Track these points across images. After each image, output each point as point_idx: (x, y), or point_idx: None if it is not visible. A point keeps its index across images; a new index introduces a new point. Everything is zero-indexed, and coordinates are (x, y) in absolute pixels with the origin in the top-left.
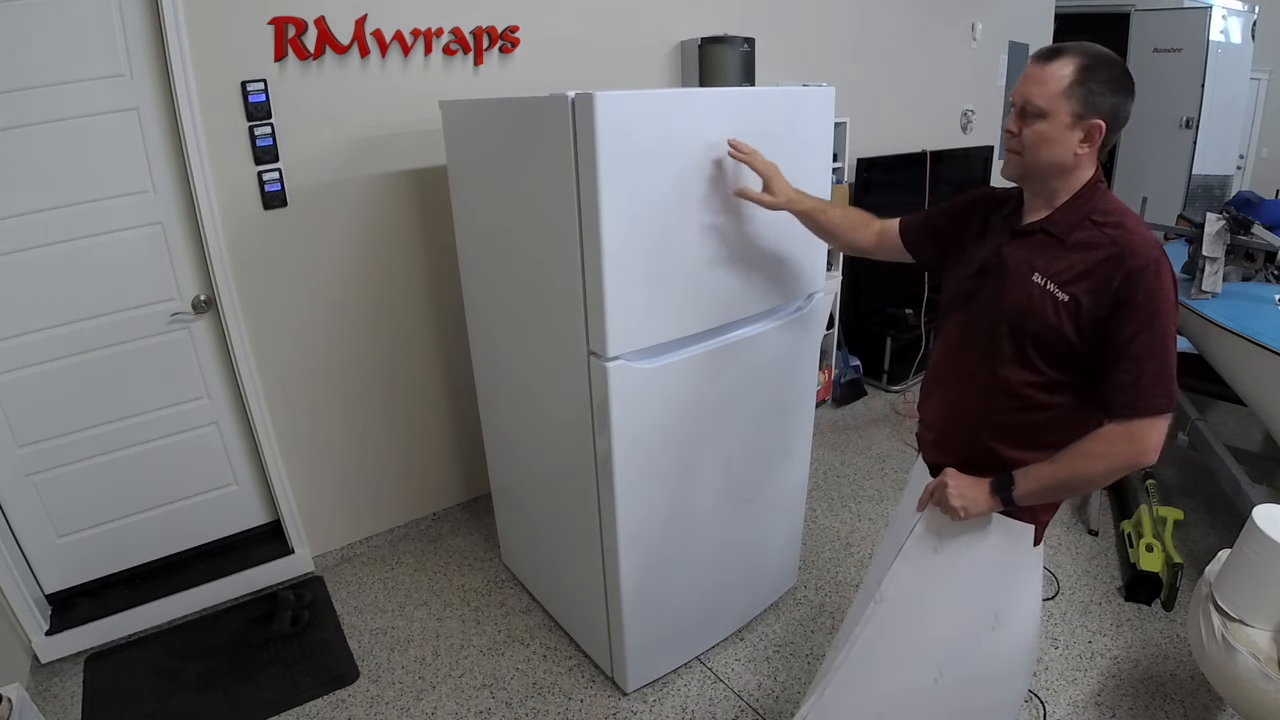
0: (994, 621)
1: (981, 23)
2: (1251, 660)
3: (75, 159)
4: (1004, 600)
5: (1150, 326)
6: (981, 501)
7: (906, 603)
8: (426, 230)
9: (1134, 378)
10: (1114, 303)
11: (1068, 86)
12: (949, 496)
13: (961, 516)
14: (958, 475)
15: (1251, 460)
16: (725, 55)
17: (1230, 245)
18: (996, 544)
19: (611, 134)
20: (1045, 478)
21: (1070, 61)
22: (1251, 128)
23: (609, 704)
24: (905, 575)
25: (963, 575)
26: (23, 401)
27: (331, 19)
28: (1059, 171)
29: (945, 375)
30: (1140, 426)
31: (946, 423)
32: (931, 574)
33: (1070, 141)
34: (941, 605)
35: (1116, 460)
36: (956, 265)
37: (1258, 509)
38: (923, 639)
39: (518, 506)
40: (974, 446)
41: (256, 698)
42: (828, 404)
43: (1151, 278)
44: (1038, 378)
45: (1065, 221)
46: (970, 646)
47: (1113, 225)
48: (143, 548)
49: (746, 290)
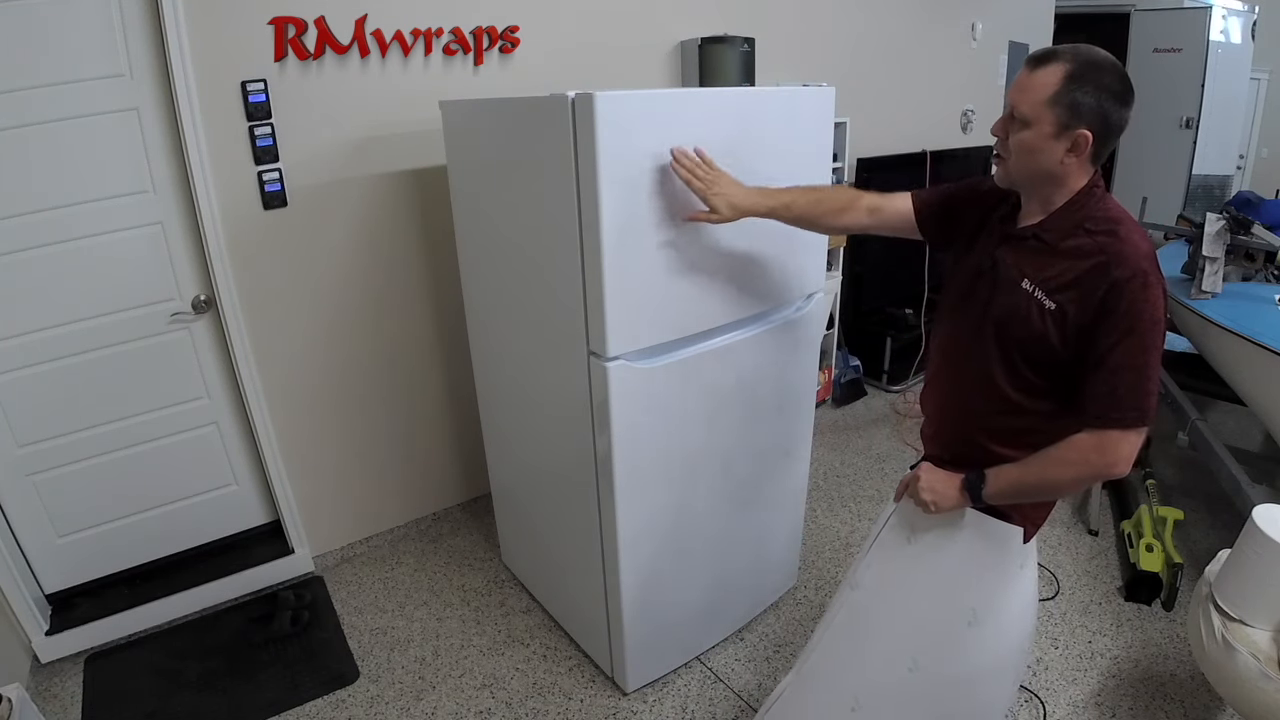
0: (970, 617)
1: (981, 23)
2: (1251, 660)
3: (75, 159)
4: (981, 598)
5: (1130, 337)
6: (951, 497)
7: (881, 590)
8: (426, 230)
9: (1109, 388)
10: (1097, 312)
11: (1052, 95)
12: (919, 490)
13: (931, 510)
14: (931, 469)
15: (1251, 460)
16: (725, 55)
17: (1230, 245)
18: (972, 541)
19: (611, 134)
20: (1014, 479)
21: (1059, 69)
22: (1251, 128)
23: (609, 704)
24: (880, 563)
25: (935, 568)
26: (23, 401)
27: (331, 19)
28: (1047, 179)
29: (940, 369)
30: (1111, 438)
31: (941, 415)
32: (904, 564)
33: (1056, 151)
34: (914, 596)
35: (1085, 469)
36: (958, 257)
37: (1258, 509)
38: (896, 627)
39: (518, 506)
40: (965, 441)
41: (256, 698)
42: (828, 404)
43: (1137, 289)
44: (1022, 382)
45: (1058, 228)
46: (946, 641)
47: (1104, 233)
48: (143, 548)
49: (747, 290)
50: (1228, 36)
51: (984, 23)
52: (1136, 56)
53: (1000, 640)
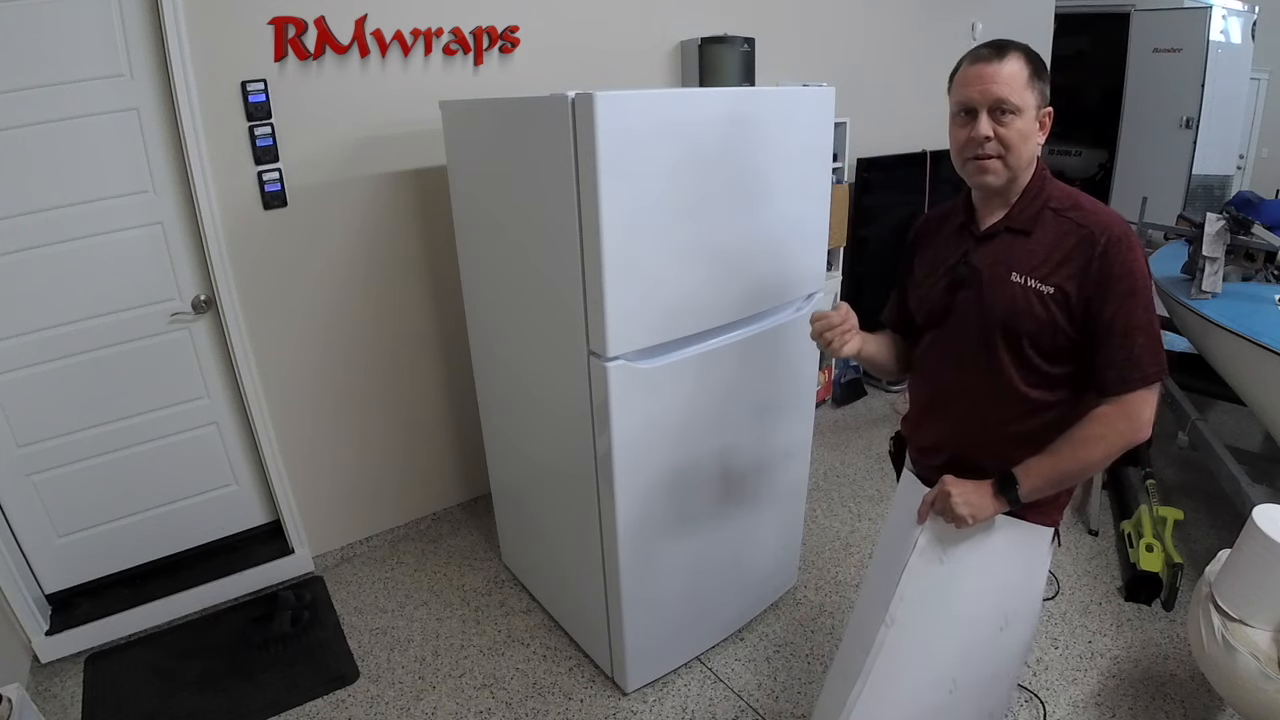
0: (1003, 622)
1: (981, 23)
2: (1251, 660)
3: (75, 159)
4: (1015, 602)
5: (1132, 298)
6: (987, 506)
7: (918, 621)
8: (426, 230)
9: (1127, 351)
10: (1095, 282)
11: (1028, 78)
12: (954, 505)
13: (970, 524)
14: (958, 482)
15: (1251, 460)
16: (725, 55)
17: (1230, 245)
18: (1005, 545)
19: (611, 134)
20: (1047, 471)
21: (1019, 55)
22: (1251, 128)
23: (609, 704)
24: (913, 593)
25: (972, 583)
26: (23, 401)
27: (331, 19)
28: (1029, 165)
29: (941, 399)
30: (1135, 400)
31: (960, 444)
32: (941, 588)
33: (1037, 134)
34: (954, 617)
35: (1116, 440)
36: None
37: (1258, 509)
38: (938, 654)
39: (518, 506)
40: (989, 458)
41: (256, 698)
42: (828, 404)
43: (1125, 250)
44: (1038, 377)
45: (1025, 215)
46: (982, 651)
47: (1071, 209)
48: (143, 547)
49: (746, 290)
50: (1228, 36)
51: (984, 23)
52: (1136, 56)
53: (1025, 634)
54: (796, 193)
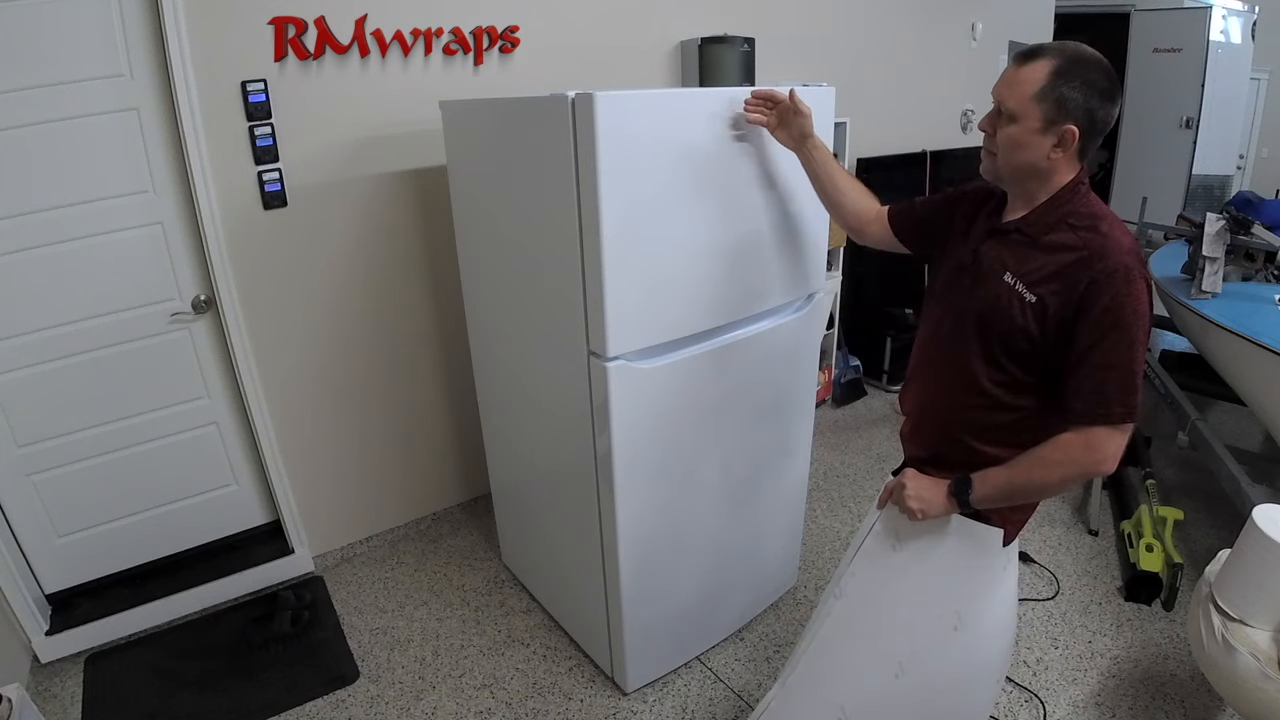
0: (956, 622)
1: (981, 23)
2: (1251, 660)
3: (75, 159)
4: (967, 601)
5: (1114, 333)
6: (939, 504)
7: (866, 599)
8: (426, 230)
9: (1096, 385)
10: (1079, 307)
11: (1039, 91)
12: (906, 498)
13: (919, 518)
14: (916, 476)
15: (1251, 460)
16: (725, 55)
17: (1230, 245)
18: (958, 545)
19: (611, 134)
20: (1001, 483)
21: (1046, 64)
22: (1251, 128)
23: (609, 704)
24: (865, 572)
25: (921, 574)
26: (23, 401)
27: (331, 19)
28: (1033, 174)
29: (922, 365)
30: (1098, 435)
31: (921, 413)
32: (890, 572)
33: (1042, 146)
34: (900, 603)
35: (1073, 469)
36: (941, 258)
37: (1258, 509)
38: (882, 635)
39: (518, 506)
40: (945, 439)
41: (256, 698)
42: (828, 404)
43: (1120, 284)
44: (1004, 376)
45: (1041, 222)
46: (933, 646)
47: (1087, 229)
48: (143, 548)
49: (746, 290)
50: (1228, 36)
51: (984, 23)
52: (1136, 56)
53: (986, 643)
54: (796, 193)
